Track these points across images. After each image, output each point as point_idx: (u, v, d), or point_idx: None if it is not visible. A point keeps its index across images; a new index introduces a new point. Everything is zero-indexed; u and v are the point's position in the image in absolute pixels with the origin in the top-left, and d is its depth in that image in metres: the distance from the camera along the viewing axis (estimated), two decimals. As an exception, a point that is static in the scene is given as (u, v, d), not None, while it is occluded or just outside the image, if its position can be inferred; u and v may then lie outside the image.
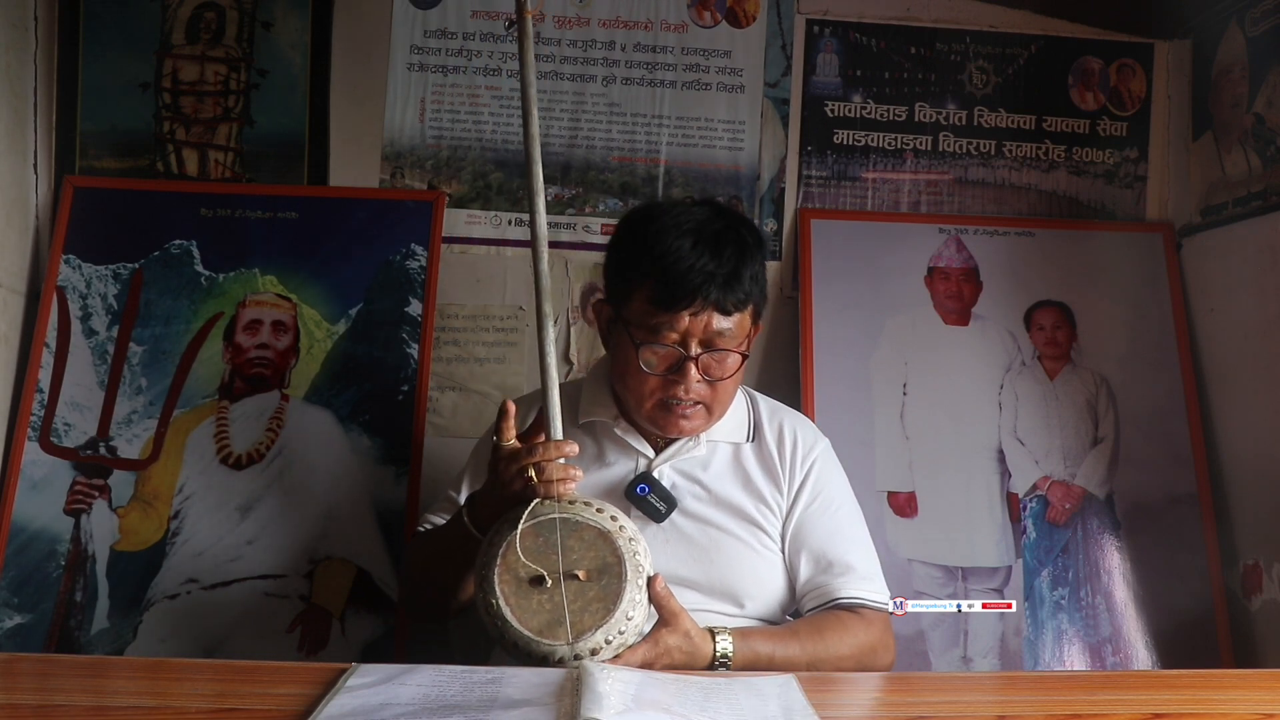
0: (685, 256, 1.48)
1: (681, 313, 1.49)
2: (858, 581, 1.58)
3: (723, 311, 1.50)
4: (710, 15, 2.36)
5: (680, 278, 1.48)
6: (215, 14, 2.29)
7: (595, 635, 1.30)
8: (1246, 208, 2.16)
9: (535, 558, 1.34)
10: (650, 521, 1.56)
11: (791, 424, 1.69)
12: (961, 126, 2.39)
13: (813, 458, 1.65)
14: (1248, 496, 2.16)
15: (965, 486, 2.21)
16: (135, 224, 2.21)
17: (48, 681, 1.29)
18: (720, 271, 1.49)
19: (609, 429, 1.63)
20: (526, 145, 1.50)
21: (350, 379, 2.16)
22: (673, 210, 1.56)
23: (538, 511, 1.37)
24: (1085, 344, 2.30)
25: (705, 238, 1.50)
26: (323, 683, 1.16)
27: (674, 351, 1.51)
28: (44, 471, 2.06)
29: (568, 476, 1.41)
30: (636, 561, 1.35)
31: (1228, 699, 1.28)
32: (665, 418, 1.55)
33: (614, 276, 1.60)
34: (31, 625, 1.98)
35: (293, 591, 2.03)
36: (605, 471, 1.60)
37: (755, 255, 1.55)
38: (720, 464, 1.63)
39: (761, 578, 1.59)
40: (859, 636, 1.54)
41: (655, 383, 1.53)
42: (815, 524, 1.62)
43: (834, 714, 1.16)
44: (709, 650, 1.41)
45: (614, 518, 1.39)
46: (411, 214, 2.25)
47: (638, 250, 1.53)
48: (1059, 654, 2.13)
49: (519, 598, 1.33)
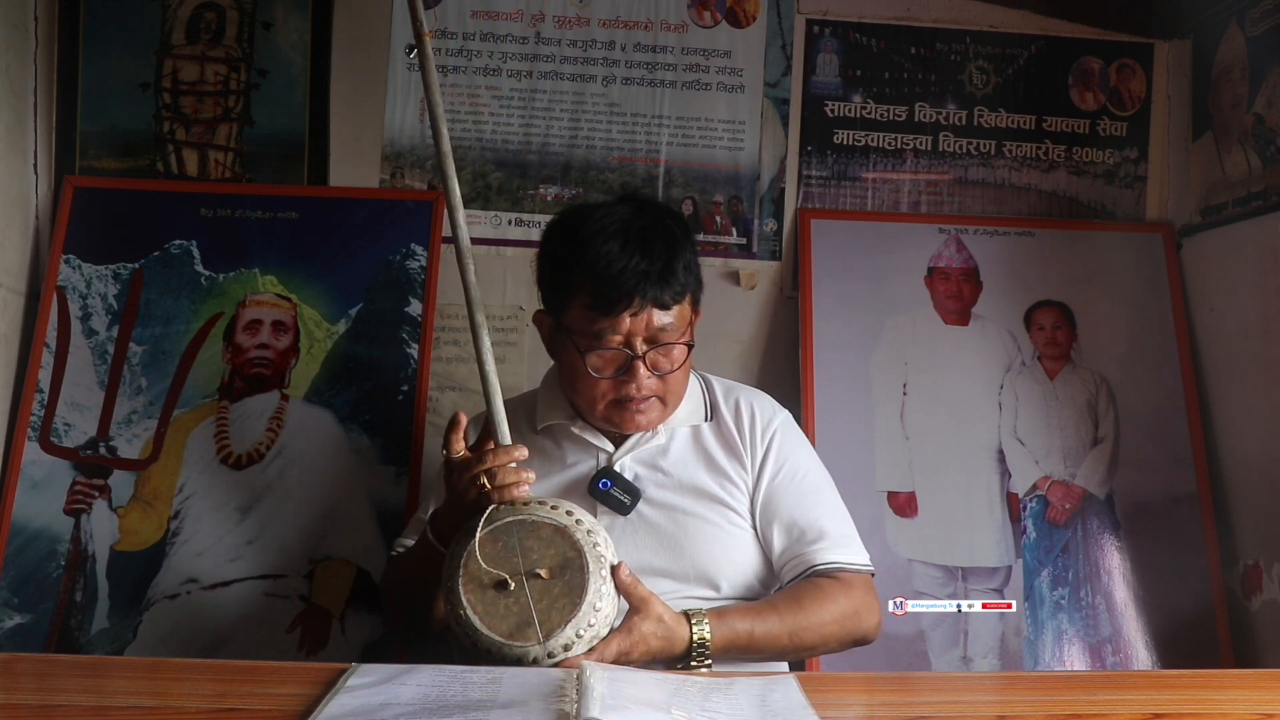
0: (616, 259, 1.49)
1: (621, 315, 1.50)
2: (832, 547, 1.58)
3: (662, 307, 1.52)
4: (710, 15, 2.36)
5: (614, 280, 1.49)
6: (215, 14, 2.29)
7: (566, 631, 1.31)
8: (1246, 208, 2.16)
9: (496, 562, 1.35)
10: (617, 515, 1.56)
11: (748, 399, 1.69)
12: (961, 126, 2.39)
13: (773, 429, 1.65)
14: (1248, 496, 2.16)
15: (965, 486, 2.21)
16: (135, 224, 2.21)
17: (48, 681, 1.29)
18: (653, 269, 1.50)
19: (566, 430, 1.64)
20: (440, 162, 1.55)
21: (350, 379, 2.16)
22: (595, 213, 1.56)
23: (493, 517, 1.39)
24: (1085, 344, 2.30)
25: (633, 236, 1.51)
26: (323, 683, 1.16)
27: (620, 353, 1.52)
28: (44, 471, 2.06)
29: (519, 479, 1.42)
30: (597, 553, 1.36)
31: (1228, 699, 1.28)
32: (620, 416, 1.56)
33: (548, 287, 1.60)
34: (31, 625, 1.98)
35: (293, 591, 2.03)
36: (567, 472, 1.62)
37: (685, 245, 1.56)
38: (680, 448, 1.63)
39: (734, 558, 1.59)
40: (839, 602, 1.54)
41: (606, 385, 1.54)
42: (783, 495, 1.61)
43: (834, 714, 1.16)
44: (685, 634, 1.41)
45: (569, 512, 1.40)
46: (411, 214, 2.25)
47: (568, 258, 1.54)
48: (1059, 654, 2.13)
49: (485, 604, 1.34)
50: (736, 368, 2.29)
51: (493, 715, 1.05)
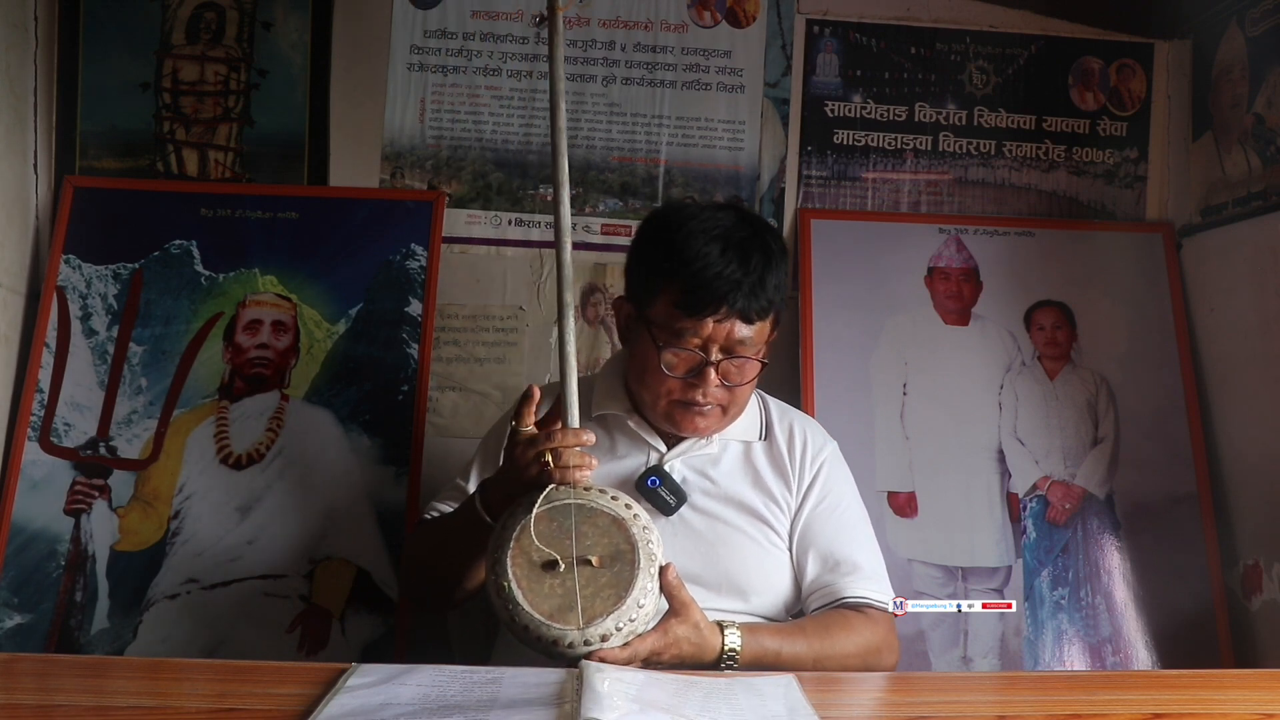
0: (714, 263, 1.49)
1: (706, 319, 1.50)
2: (864, 581, 1.59)
3: (746, 320, 1.51)
4: (710, 15, 2.36)
5: (707, 284, 1.49)
6: (215, 14, 2.29)
7: (606, 621, 1.30)
8: (1246, 208, 2.16)
9: (549, 542, 1.34)
10: (659, 514, 1.56)
11: (801, 425, 1.70)
12: (961, 126, 2.39)
13: (822, 458, 1.67)
14: (1248, 496, 2.16)
15: (965, 486, 2.21)
16: (135, 224, 2.21)
17: (48, 681, 1.29)
18: (747, 280, 1.49)
19: (622, 422, 1.64)
20: (554, 139, 1.52)
21: (350, 379, 2.16)
22: (700, 214, 1.56)
23: (553, 497, 1.38)
24: (1085, 344, 2.30)
25: (733, 244, 1.51)
26: (323, 683, 1.16)
27: (695, 355, 1.52)
28: (44, 471, 2.06)
29: (584, 464, 1.41)
30: (650, 550, 1.36)
31: (1228, 699, 1.28)
32: (681, 416, 1.56)
33: (638, 276, 1.60)
34: (31, 625, 1.98)
35: (293, 591, 2.03)
36: (617, 464, 1.61)
37: (780, 263, 1.56)
38: (731, 461, 1.64)
39: (768, 574, 1.60)
40: (864, 636, 1.54)
41: (674, 384, 1.54)
42: (823, 524, 1.62)
43: (834, 714, 1.16)
44: (717, 643, 1.42)
45: (628, 505, 1.40)
46: (411, 214, 2.25)
47: (664, 252, 1.54)
48: (1059, 654, 2.13)
49: (531, 581, 1.32)
50: (736, 368, 2.29)
51: (493, 715, 1.05)
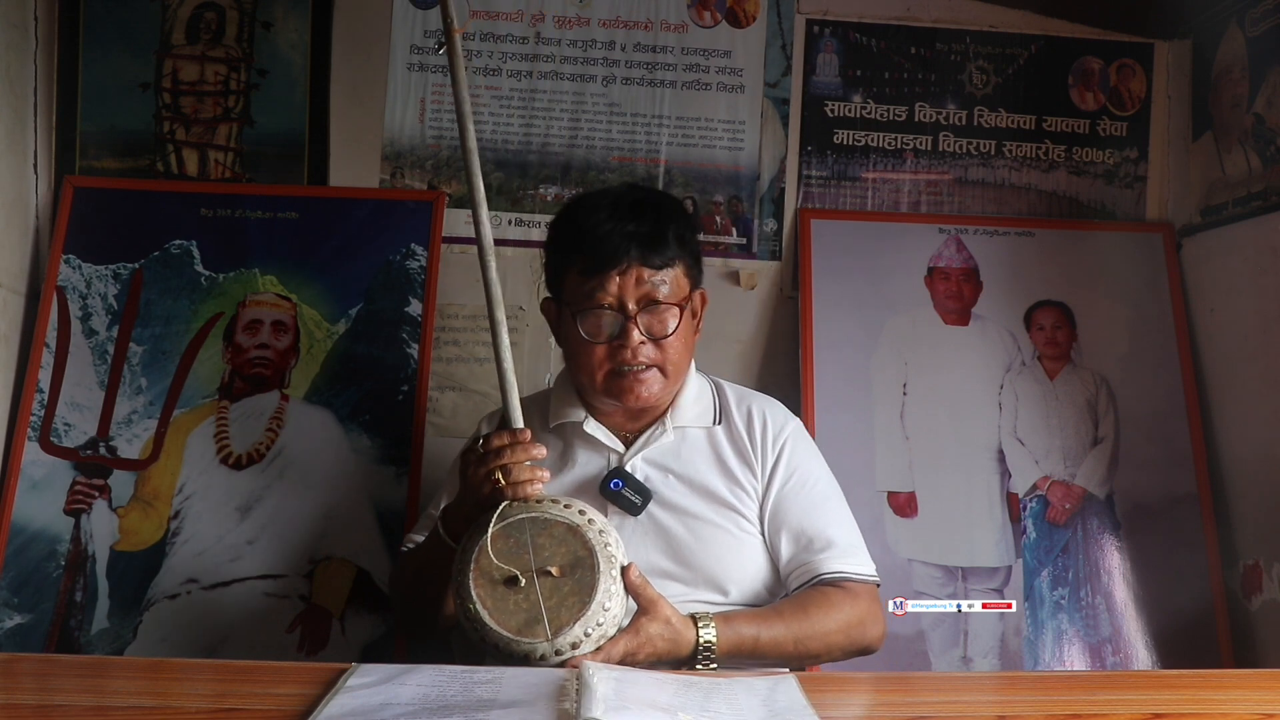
0: (603, 222, 1.55)
1: (610, 273, 1.54)
2: (839, 556, 1.59)
3: (650, 267, 1.55)
4: (710, 15, 2.36)
5: (601, 241, 1.54)
6: (215, 14, 2.29)
7: (574, 629, 1.32)
8: (1246, 208, 2.16)
9: (507, 559, 1.36)
10: (627, 516, 1.57)
11: (760, 406, 1.69)
12: (961, 126, 2.39)
13: (784, 437, 1.66)
14: (1248, 496, 2.16)
15: (965, 486, 2.21)
16: (135, 224, 2.21)
17: (48, 681, 1.29)
18: (640, 230, 1.55)
19: (578, 429, 1.64)
20: (465, 160, 1.53)
21: (350, 379, 2.15)
22: (592, 193, 1.67)
23: (506, 513, 1.39)
24: (1085, 344, 2.30)
25: (623, 205, 1.58)
26: (323, 683, 1.16)
27: (612, 315, 1.55)
28: (44, 471, 2.06)
29: (534, 477, 1.43)
30: (608, 552, 1.37)
31: (1228, 699, 1.28)
32: (619, 385, 1.57)
33: (550, 268, 1.66)
34: (31, 625, 1.98)
35: (293, 591, 2.03)
36: (578, 471, 1.62)
37: (677, 217, 1.61)
38: (691, 450, 1.64)
39: (743, 563, 1.59)
40: (844, 611, 1.54)
41: (602, 352, 1.56)
42: (792, 503, 1.62)
43: (834, 714, 1.16)
44: (691, 637, 1.42)
45: (582, 511, 1.41)
46: (411, 214, 2.25)
47: (563, 234, 1.62)
48: (1059, 654, 2.13)
49: (495, 600, 1.34)
50: (736, 368, 2.29)
51: (493, 715, 1.05)
